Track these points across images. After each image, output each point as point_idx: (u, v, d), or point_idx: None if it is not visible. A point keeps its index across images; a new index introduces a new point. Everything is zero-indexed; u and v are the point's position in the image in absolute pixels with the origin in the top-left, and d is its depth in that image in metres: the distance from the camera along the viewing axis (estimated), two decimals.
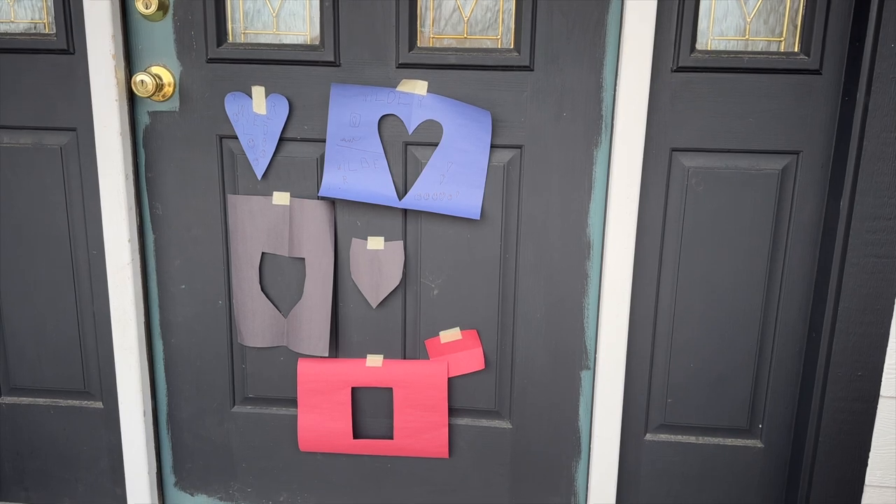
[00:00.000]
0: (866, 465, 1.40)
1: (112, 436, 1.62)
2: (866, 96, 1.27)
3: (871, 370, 1.36)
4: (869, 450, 1.39)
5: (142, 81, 1.38)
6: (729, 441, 1.52)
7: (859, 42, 1.27)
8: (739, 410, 1.50)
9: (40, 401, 1.62)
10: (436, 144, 1.41)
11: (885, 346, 1.34)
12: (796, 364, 1.46)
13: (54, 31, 1.42)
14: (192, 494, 1.66)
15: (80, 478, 1.65)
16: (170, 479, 1.65)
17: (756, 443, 1.51)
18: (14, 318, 1.57)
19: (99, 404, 1.61)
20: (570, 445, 1.55)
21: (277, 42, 1.42)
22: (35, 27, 1.43)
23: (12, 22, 1.44)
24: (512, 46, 1.38)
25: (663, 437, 1.53)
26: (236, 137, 1.45)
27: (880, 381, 1.36)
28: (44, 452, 1.65)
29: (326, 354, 1.50)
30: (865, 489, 1.42)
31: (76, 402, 1.61)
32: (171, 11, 1.40)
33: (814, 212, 1.39)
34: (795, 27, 1.33)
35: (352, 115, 1.40)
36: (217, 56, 1.41)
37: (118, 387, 1.55)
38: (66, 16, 1.40)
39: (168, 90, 1.43)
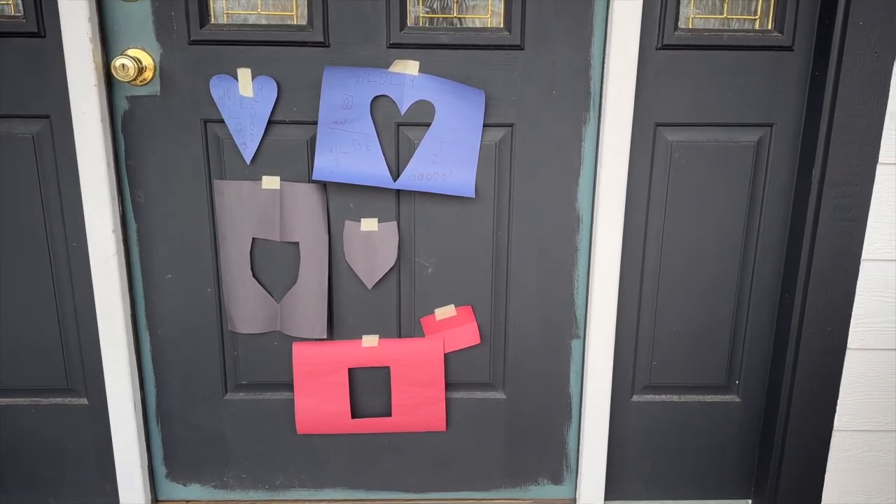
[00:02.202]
0: (835, 412, 1.52)
1: (99, 431, 1.57)
2: (836, 71, 1.35)
3: (839, 325, 1.47)
4: (837, 398, 1.52)
5: (122, 65, 1.32)
6: (709, 397, 1.62)
7: (829, 20, 1.35)
8: (718, 369, 1.59)
9: (20, 401, 1.56)
10: (428, 125, 1.42)
11: (852, 302, 1.46)
12: (770, 323, 1.56)
13: (22, 13, 1.34)
14: (184, 485, 1.64)
15: (66, 476, 1.60)
16: (161, 470, 1.62)
17: (734, 398, 1.62)
18: None
19: (84, 400, 1.56)
20: (561, 411, 1.61)
21: (263, 23, 1.39)
22: (2, 10, 1.35)
23: None
24: (502, 26, 1.40)
25: (648, 397, 1.61)
26: (222, 121, 1.41)
27: (848, 335, 1.48)
28: (25, 454, 1.58)
29: (325, 337, 1.51)
30: (834, 434, 1.54)
31: (59, 400, 1.56)
32: None
33: (786, 180, 1.48)
34: (769, 5, 1.40)
35: (344, 96, 1.39)
36: (200, 38, 1.37)
37: (106, 381, 1.51)
38: None
39: (148, 74, 1.38)
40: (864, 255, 1.44)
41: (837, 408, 1.52)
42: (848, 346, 1.49)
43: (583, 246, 1.51)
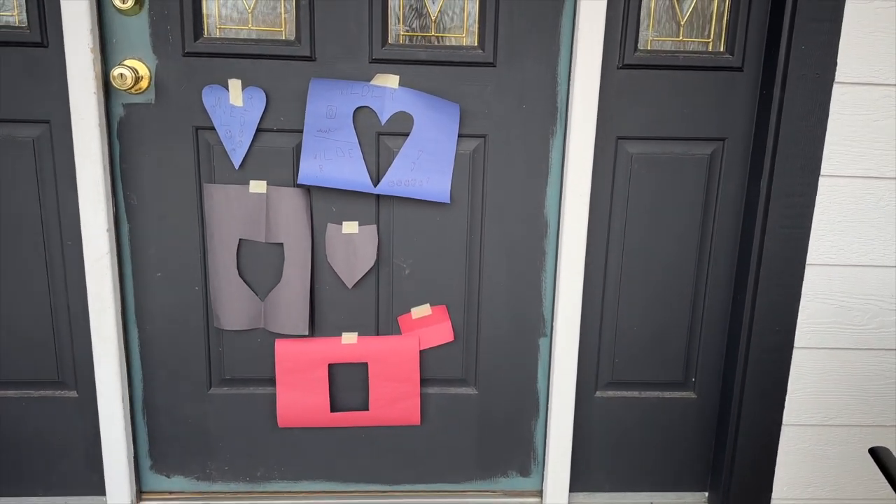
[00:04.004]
0: (783, 407, 1.63)
1: (87, 424, 1.64)
2: (782, 91, 1.48)
3: (787, 325, 1.58)
4: (785, 394, 1.63)
5: (121, 75, 1.41)
6: (667, 394, 1.72)
7: (775, 44, 1.48)
8: (675, 366, 1.70)
9: (10, 393, 1.62)
10: (407, 134, 1.52)
11: (798, 304, 1.57)
12: (723, 323, 1.68)
13: (27, 23, 1.43)
14: (168, 476, 1.70)
15: (54, 468, 1.67)
16: (146, 462, 1.69)
17: (690, 394, 1.72)
18: None
19: (73, 393, 1.63)
20: (529, 406, 1.71)
21: (254, 37, 1.48)
22: (3, 19, 1.43)
23: None
24: (476, 44, 1.51)
25: (611, 393, 1.71)
26: (213, 128, 1.51)
27: (794, 334, 1.59)
28: (14, 445, 1.65)
29: (307, 333, 1.59)
30: (783, 428, 1.65)
31: (49, 393, 1.63)
32: (146, 6, 1.44)
33: (737, 190, 1.60)
34: (721, 29, 1.53)
35: (328, 107, 1.49)
36: (194, 50, 1.46)
37: (96, 375, 1.58)
38: (39, 10, 1.42)
39: (143, 83, 1.47)
40: (809, 260, 1.56)
41: (786, 404, 1.63)
42: (795, 345, 1.60)
43: (550, 249, 1.61)
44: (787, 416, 1.64)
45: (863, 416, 1.65)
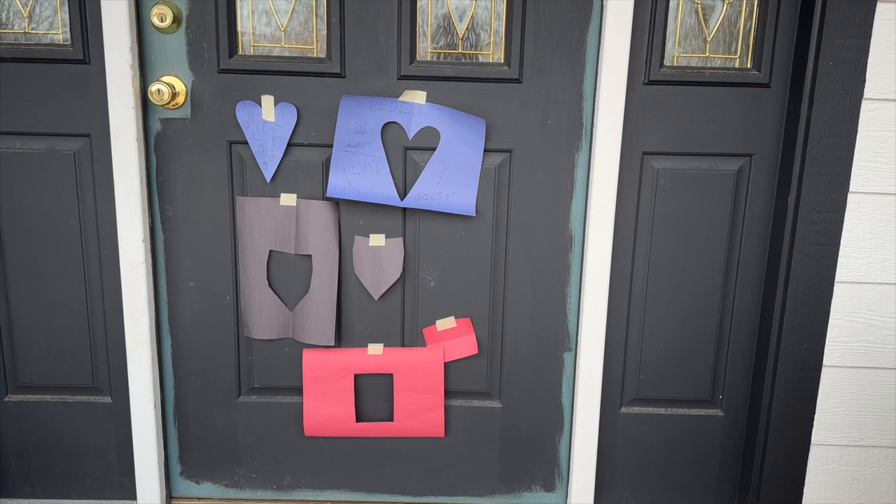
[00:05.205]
0: (812, 426, 1.61)
1: (120, 429, 1.69)
2: (809, 107, 1.47)
3: (815, 343, 1.57)
4: (814, 413, 1.60)
5: (158, 90, 1.46)
6: (693, 411, 1.71)
7: (802, 60, 1.48)
8: (702, 383, 1.69)
9: (48, 397, 1.67)
10: (433, 149, 1.55)
11: (827, 322, 1.56)
12: (751, 340, 1.66)
13: (70, 41, 1.50)
14: (197, 482, 1.74)
15: (87, 471, 1.71)
16: (176, 468, 1.73)
17: (717, 412, 1.71)
18: (24, 318, 1.63)
19: (108, 399, 1.68)
20: (553, 421, 1.71)
21: (286, 55, 1.53)
22: (48, 37, 1.50)
23: (28, 33, 1.50)
24: (503, 61, 1.53)
25: (636, 409, 1.71)
26: (246, 143, 1.55)
27: (823, 352, 1.57)
28: (50, 448, 1.70)
29: (333, 344, 1.62)
30: (812, 448, 1.63)
31: (84, 398, 1.68)
32: (184, 25, 1.49)
33: (764, 207, 1.59)
34: (748, 46, 1.53)
35: (358, 122, 1.52)
36: (228, 67, 1.51)
37: (130, 381, 1.62)
38: (82, 28, 1.48)
39: (180, 99, 1.52)
40: (838, 277, 1.54)
41: (815, 423, 1.61)
42: (824, 363, 1.58)
43: (575, 264, 1.62)
44: (816, 435, 1.62)
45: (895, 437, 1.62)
